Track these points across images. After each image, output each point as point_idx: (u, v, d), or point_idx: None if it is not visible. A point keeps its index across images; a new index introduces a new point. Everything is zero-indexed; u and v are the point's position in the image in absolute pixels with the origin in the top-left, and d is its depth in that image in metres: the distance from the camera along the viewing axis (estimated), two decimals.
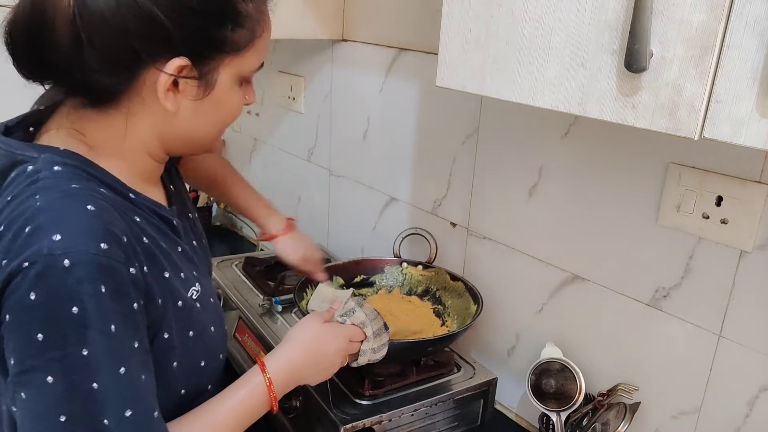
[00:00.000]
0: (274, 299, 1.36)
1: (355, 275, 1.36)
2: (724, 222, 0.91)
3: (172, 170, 0.90)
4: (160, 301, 0.70)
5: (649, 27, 0.62)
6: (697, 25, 0.60)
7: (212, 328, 0.81)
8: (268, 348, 1.23)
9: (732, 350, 0.94)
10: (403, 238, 1.40)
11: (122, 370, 0.63)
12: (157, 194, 0.81)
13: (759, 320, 0.90)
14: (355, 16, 1.52)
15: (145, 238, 0.71)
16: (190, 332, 0.76)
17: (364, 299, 0.95)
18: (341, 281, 1.35)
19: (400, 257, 1.38)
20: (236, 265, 1.57)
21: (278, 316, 1.34)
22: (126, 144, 0.74)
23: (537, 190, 1.18)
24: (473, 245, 1.33)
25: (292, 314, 1.35)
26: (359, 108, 1.56)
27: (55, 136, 0.72)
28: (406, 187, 1.48)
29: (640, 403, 1.06)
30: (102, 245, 0.62)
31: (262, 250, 1.96)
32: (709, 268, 0.95)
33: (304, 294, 1.23)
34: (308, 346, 0.87)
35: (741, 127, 0.59)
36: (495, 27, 0.78)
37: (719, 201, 0.92)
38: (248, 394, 0.79)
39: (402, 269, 1.36)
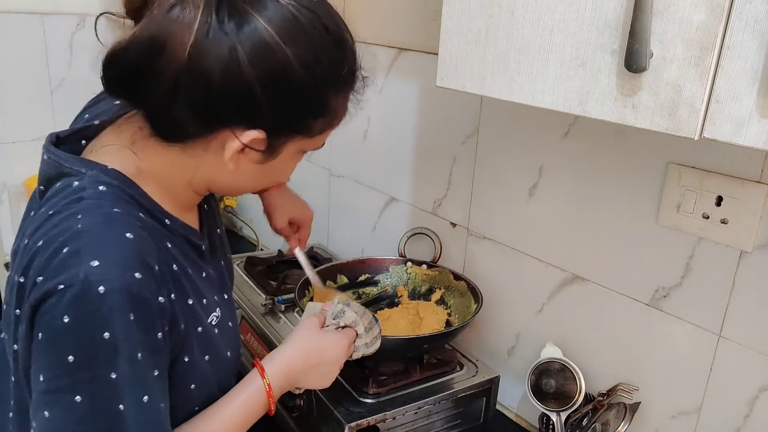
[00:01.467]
0: (276, 298, 1.37)
1: (360, 274, 1.37)
2: (724, 222, 0.91)
3: None
4: (182, 326, 0.72)
5: (649, 27, 0.62)
6: (697, 25, 0.60)
7: (228, 353, 0.83)
8: (271, 347, 1.24)
9: (732, 350, 0.94)
10: (408, 238, 1.40)
11: (146, 398, 0.65)
12: (190, 218, 0.82)
13: (759, 320, 0.90)
14: (355, 16, 1.52)
15: (174, 266, 0.73)
16: (206, 357, 0.78)
17: (375, 319, 0.98)
18: (345, 279, 1.35)
19: (405, 256, 1.39)
20: (238, 265, 1.57)
21: (281, 315, 1.35)
22: (176, 178, 0.76)
23: (537, 190, 1.18)
24: (473, 245, 1.33)
25: (295, 313, 1.35)
26: (359, 108, 1.56)
27: (110, 152, 0.74)
28: (406, 187, 1.48)
29: (640, 403, 1.06)
30: (136, 275, 0.64)
31: (262, 249, 1.96)
32: (709, 268, 0.95)
33: (306, 292, 1.24)
34: (308, 352, 0.88)
35: (741, 127, 0.59)
36: (495, 27, 0.78)
37: (719, 201, 0.92)
38: (248, 399, 0.80)
39: (406, 268, 1.37)
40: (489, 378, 1.20)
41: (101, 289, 0.61)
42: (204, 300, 0.78)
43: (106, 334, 0.62)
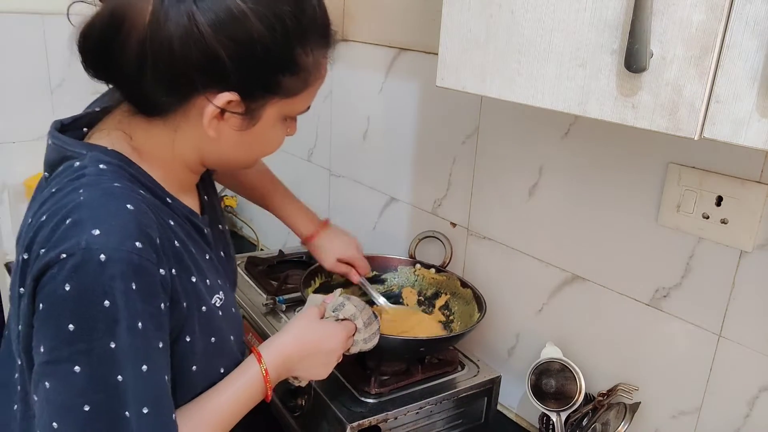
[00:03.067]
0: (277, 298, 1.37)
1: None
2: (724, 222, 0.91)
3: (207, 180, 0.92)
4: (185, 304, 0.72)
5: (649, 27, 0.62)
6: (697, 25, 0.60)
7: (232, 337, 0.83)
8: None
9: (732, 350, 0.94)
10: (420, 240, 1.40)
11: (144, 367, 0.65)
12: (191, 202, 0.83)
13: (759, 320, 0.90)
14: (355, 16, 1.52)
15: (176, 242, 0.73)
16: (212, 338, 0.78)
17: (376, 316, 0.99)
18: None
19: (415, 258, 1.39)
20: (239, 265, 1.57)
21: (282, 315, 1.35)
22: (167, 154, 0.76)
23: (537, 190, 1.18)
24: (473, 245, 1.33)
25: (296, 313, 1.35)
26: (359, 108, 1.56)
27: (105, 135, 0.75)
28: (406, 187, 1.48)
29: (640, 403, 1.06)
30: (137, 244, 0.64)
31: (262, 249, 1.96)
32: (709, 268, 0.95)
33: (312, 282, 1.25)
34: (305, 340, 0.88)
35: (741, 127, 0.59)
36: (495, 27, 0.78)
37: (719, 201, 0.92)
38: (245, 385, 0.80)
39: (415, 270, 1.37)
40: (490, 378, 1.20)
41: (102, 257, 0.62)
42: (207, 280, 0.78)
43: (106, 303, 0.62)
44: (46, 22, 1.83)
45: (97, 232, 0.63)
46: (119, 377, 0.63)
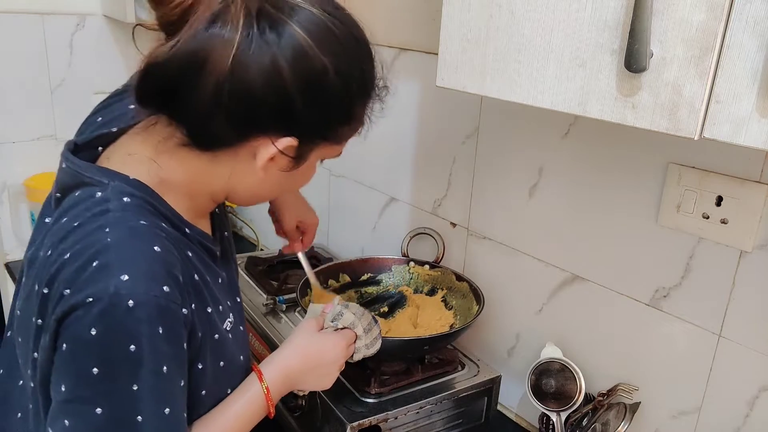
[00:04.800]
0: (277, 298, 1.37)
1: (362, 273, 1.37)
2: (724, 222, 0.91)
3: None
4: (200, 334, 0.72)
5: (649, 27, 0.62)
6: (697, 25, 0.60)
7: (241, 357, 0.83)
8: (272, 347, 1.24)
9: (732, 350, 0.94)
10: (411, 238, 1.40)
11: (167, 410, 0.66)
12: (204, 224, 0.83)
13: (759, 320, 0.90)
14: (354, 16, 1.52)
15: (195, 275, 0.73)
16: (221, 362, 0.78)
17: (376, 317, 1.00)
18: (347, 278, 1.35)
19: (408, 256, 1.39)
20: (239, 265, 1.57)
21: (282, 315, 1.35)
22: (200, 187, 0.76)
23: (537, 190, 1.18)
24: (473, 245, 1.33)
25: (296, 313, 1.35)
26: None
27: (131, 161, 0.73)
28: (406, 187, 1.48)
29: (640, 403, 1.06)
30: (165, 288, 0.64)
31: (262, 249, 1.96)
32: (709, 268, 0.95)
33: (308, 291, 1.24)
34: (306, 355, 0.88)
35: (741, 127, 0.59)
36: (495, 27, 0.78)
37: (719, 201, 0.92)
38: (247, 403, 0.81)
39: (409, 268, 1.37)
40: (490, 378, 1.20)
41: (131, 302, 0.62)
42: (220, 307, 0.79)
43: (132, 347, 0.62)
44: (46, 22, 1.83)
45: (125, 277, 0.62)
46: (139, 417, 0.63)
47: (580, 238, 1.12)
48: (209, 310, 0.75)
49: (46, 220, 0.74)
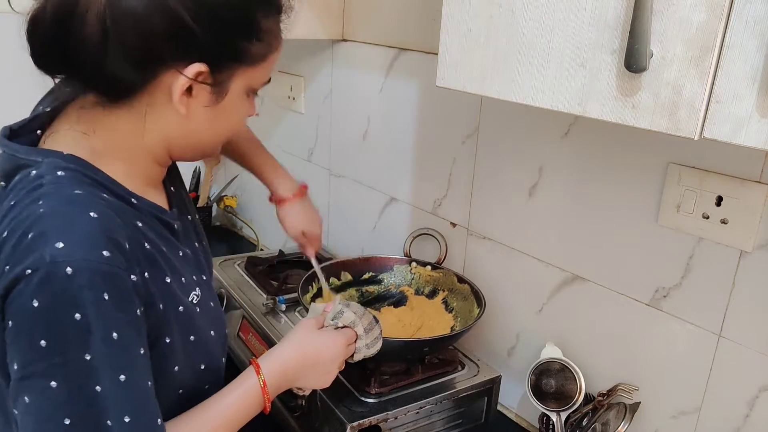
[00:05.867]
0: (277, 298, 1.37)
1: (364, 272, 1.37)
2: (724, 222, 0.91)
3: (173, 172, 0.90)
4: (161, 306, 0.71)
5: (649, 27, 0.62)
6: (697, 25, 0.60)
7: (212, 332, 0.82)
8: (272, 347, 1.24)
9: (732, 350, 0.94)
10: (414, 238, 1.40)
11: (123, 377, 0.64)
12: (158, 197, 0.81)
13: (759, 320, 0.90)
14: (355, 16, 1.52)
15: (146, 244, 0.72)
16: (191, 337, 0.77)
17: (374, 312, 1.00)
18: (349, 277, 1.36)
19: (410, 257, 1.39)
20: (239, 265, 1.57)
21: (282, 315, 1.35)
22: (133, 147, 0.75)
23: (537, 190, 1.18)
24: (473, 245, 1.33)
25: (296, 313, 1.35)
26: (359, 108, 1.56)
27: (61, 138, 0.73)
28: (406, 187, 1.48)
29: (640, 403, 1.06)
30: (104, 253, 0.63)
31: (262, 249, 1.96)
32: (709, 268, 0.95)
33: (309, 288, 1.25)
34: (304, 352, 0.88)
35: (741, 127, 0.59)
36: (495, 27, 0.78)
37: (719, 201, 0.92)
38: (243, 396, 0.80)
39: (411, 268, 1.37)
40: (490, 378, 1.20)
41: (68, 270, 0.60)
42: (183, 279, 0.77)
43: (77, 315, 0.61)
44: None
45: (60, 244, 0.61)
46: (97, 388, 0.62)
47: (580, 238, 1.12)
48: (168, 280, 0.73)
49: None
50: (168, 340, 0.72)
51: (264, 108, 1.97)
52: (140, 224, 0.73)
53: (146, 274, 0.69)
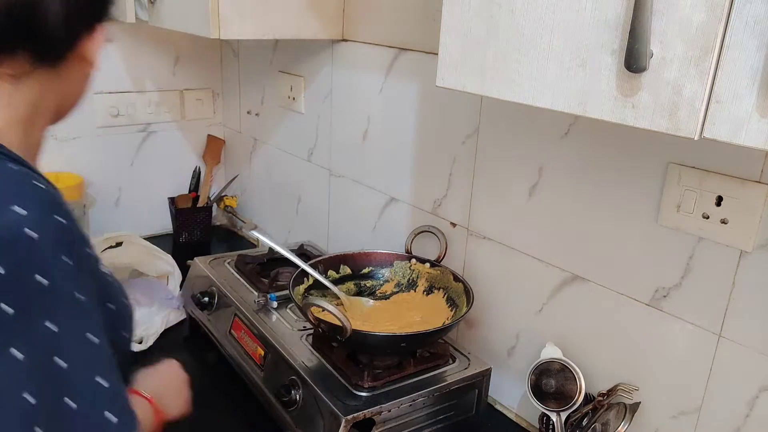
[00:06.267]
0: (269, 295, 1.37)
1: (363, 266, 1.38)
2: (724, 222, 0.91)
3: None
4: (98, 272, 0.71)
5: (649, 27, 0.62)
6: (697, 25, 0.60)
7: (123, 299, 0.81)
8: (263, 344, 1.25)
9: (732, 350, 0.94)
10: (416, 235, 1.40)
11: (92, 338, 0.63)
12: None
13: (759, 320, 0.90)
14: (355, 16, 1.52)
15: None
16: (113, 306, 0.76)
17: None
18: (348, 270, 1.37)
19: (411, 253, 1.39)
20: (228, 263, 1.57)
21: (273, 311, 1.35)
22: (35, 116, 0.72)
23: (537, 190, 1.18)
24: (473, 245, 1.33)
25: (287, 309, 1.36)
26: (359, 108, 1.56)
27: None
28: (406, 187, 1.48)
29: (640, 403, 1.06)
30: (60, 219, 0.62)
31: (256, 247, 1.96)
32: (709, 268, 0.95)
33: (305, 280, 1.27)
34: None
35: (741, 127, 0.59)
36: (495, 27, 0.78)
37: (719, 201, 0.92)
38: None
39: (411, 265, 1.37)
40: (480, 371, 1.21)
41: (29, 232, 0.59)
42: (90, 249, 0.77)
43: (42, 279, 0.59)
44: None
45: (17, 207, 0.59)
46: (65, 353, 0.61)
47: (580, 238, 1.12)
48: (88, 250, 0.71)
49: None
50: (113, 306, 0.73)
51: (264, 108, 1.97)
52: None
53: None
